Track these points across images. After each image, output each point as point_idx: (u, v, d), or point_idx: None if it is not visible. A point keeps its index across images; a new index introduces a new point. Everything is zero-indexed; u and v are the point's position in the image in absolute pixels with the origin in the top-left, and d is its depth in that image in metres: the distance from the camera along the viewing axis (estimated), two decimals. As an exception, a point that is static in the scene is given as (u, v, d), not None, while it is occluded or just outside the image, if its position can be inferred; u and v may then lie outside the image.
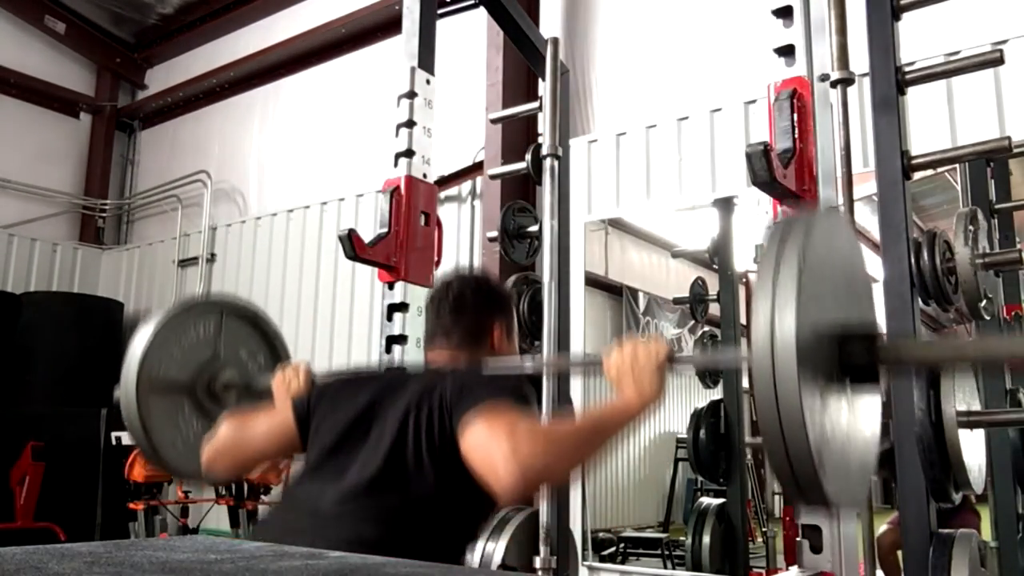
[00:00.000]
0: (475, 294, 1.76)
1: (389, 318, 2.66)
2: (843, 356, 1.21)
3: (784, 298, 1.10)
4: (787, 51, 2.03)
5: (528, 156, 3.19)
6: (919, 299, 2.18)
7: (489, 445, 1.34)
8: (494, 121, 3.80)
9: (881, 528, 4.10)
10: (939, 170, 3.27)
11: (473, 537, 1.57)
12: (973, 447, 2.02)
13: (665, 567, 4.90)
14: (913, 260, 2.13)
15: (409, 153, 2.71)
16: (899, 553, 2.14)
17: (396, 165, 2.73)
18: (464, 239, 5.33)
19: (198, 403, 2.22)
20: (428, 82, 2.80)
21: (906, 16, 2.22)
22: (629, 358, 1.47)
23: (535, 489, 1.33)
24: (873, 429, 1.37)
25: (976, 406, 2.04)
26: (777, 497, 5.43)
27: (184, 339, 2.23)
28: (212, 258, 6.96)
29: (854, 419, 1.29)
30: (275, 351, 2.41)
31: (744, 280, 5.02)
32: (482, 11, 3.76)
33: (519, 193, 4.44)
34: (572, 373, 2.09)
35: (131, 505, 5.24)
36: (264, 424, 1.75)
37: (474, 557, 2.23)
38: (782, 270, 1.12)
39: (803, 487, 1.16)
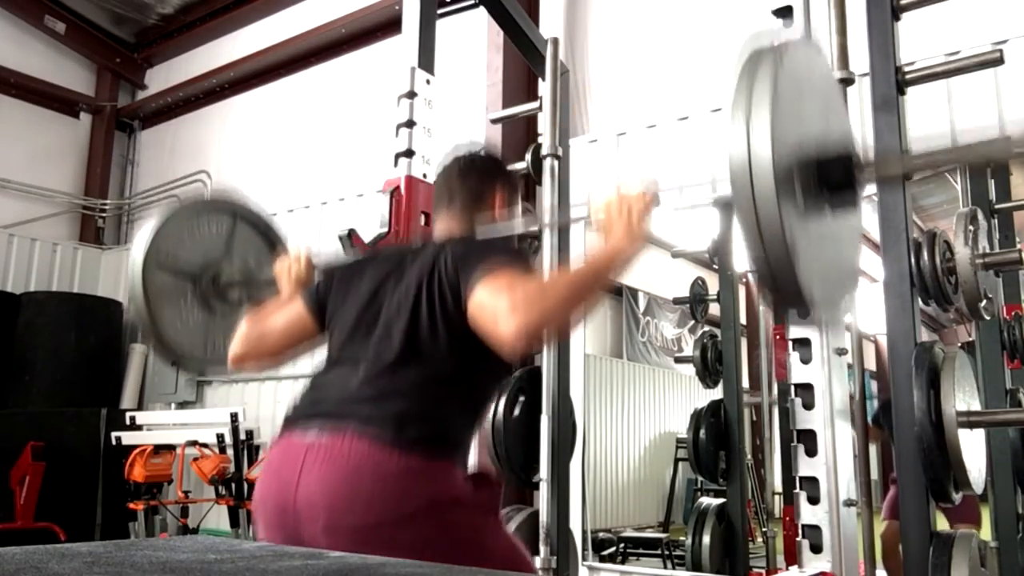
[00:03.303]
0: (483, 160, 1.86)
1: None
2: (821, 175, 1.24)
3: (759, 123, 1.13)
4: (787, 51, 2.03)
5: (528, 156, 3.19)
6: (919, 299, 2.18)
7: (491, 303, 1.41)
8: (494, 121, 3.80)
9: (883, 526, 4.10)
10: (939, 170, 3.28)
11: (488, 401, 1.65)
12: (973, 447, 2.02)
13: (665, 567, 4.90)
14: (913, 260, 2.13)
15: (409, 153, 2.71)
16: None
17: (396, 165, 2.73)
18: (464, 239, 5.32)
19: (202, 295, 2.30)
20: (428, 82, 2.80)
21: (906, 16, 2.22)
22: (619, 203, 1.58)
23: (538, 339, 1.41)
24: (854, 239, 1.46)
25: (976, 406, 2.04)
26: (777, 497, 5.43)
27: (197, 231, 2.33)
28: (212, 258, 6.95)
29: (835, 232, 1.34)
30: None
31: (744, 280, 5.02)
32: (482, 11, 3.76)
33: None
34: (563, 226, 2.14)
35: (131, 505, 5.24)
36: (281, 318, 1.79)
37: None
38: (755, 95, 1.14)
39: (786, 296, 1.23)
